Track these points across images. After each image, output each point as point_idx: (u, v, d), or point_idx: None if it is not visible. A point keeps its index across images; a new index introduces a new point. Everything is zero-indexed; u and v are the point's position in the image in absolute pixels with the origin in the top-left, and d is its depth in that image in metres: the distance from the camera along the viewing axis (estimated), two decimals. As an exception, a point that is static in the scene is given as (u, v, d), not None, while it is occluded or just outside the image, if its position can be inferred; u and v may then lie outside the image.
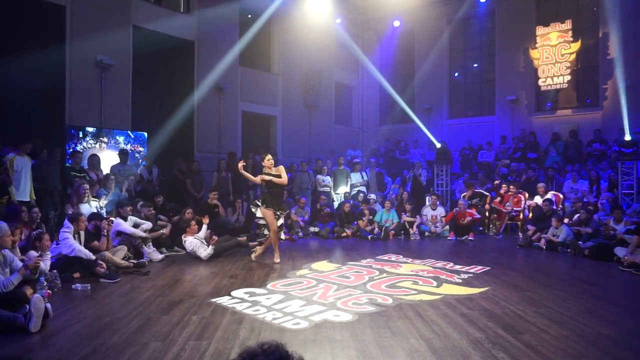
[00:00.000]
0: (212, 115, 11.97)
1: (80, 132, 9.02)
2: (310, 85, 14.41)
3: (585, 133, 12.16)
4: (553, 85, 13.05)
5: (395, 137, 15.11)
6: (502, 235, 9.73)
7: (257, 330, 3.71)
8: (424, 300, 4.60)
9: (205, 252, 6.86)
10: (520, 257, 7.44)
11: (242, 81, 12.74)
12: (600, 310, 4.28)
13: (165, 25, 10.88)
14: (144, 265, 6.33)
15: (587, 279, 5.74)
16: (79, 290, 5.01)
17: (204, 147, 11.77)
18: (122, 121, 9.90)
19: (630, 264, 6.15)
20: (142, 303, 4.52)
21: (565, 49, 12.76)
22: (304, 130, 14.47)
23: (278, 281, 5.43)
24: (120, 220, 6.74)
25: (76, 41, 9.12)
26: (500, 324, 3.82)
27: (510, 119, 13.82)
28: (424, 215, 9.94)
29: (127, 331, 3.67)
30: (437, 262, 6.66)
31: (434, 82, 15.39)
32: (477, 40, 15.10)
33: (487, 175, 11.71)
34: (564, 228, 7.79)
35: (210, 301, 4.56)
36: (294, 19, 13.70)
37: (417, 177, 11.72)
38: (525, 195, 9.91)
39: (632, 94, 11.09)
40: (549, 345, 3.35)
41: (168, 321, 3.92)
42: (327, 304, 4.42)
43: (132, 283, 5.43)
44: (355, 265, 6.40)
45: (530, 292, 4.90)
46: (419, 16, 15.16)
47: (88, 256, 5.60)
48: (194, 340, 3.47)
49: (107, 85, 9.64)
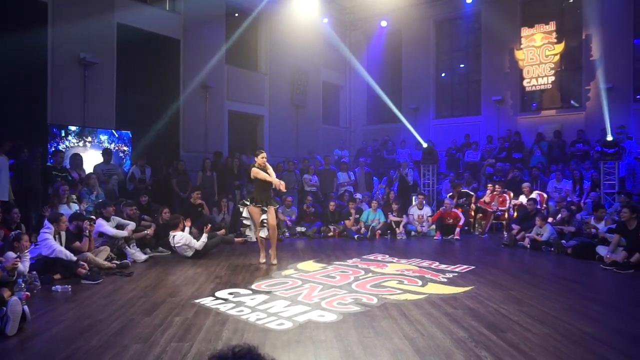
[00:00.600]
0: (198, 114, 11.87)
1: (63, 130, 8.87)
2: (297, 85, 14.37)
3: (569, 133, 12.33)
4: (537, 85, 13.21)
5: (383, 136, 15.15)
6: (487, 234, 9.81)
7: (240, 331, 3.66)
8: (409, 300, 4.60)
9: (198, 242, 6.88)
10: (504, 256, 7.50)
11: (229, 80, 12.66)
12: (583, 308, 4.32)
13: (150, 23, 10.76)
14: (127, 266, 6.24)
15: (570, 278, 5.81)
16: (59, 291, 4.91)
17: (190, 146, 11.67)
18: (106, 120, 9.76)
19: (611, 263, 6.24)
20: (124, 304, 4.44)
21: (550, 50, 12.92)
22: (291, 130, 14.42)
23: (263, 281, 5.39)
24: (102, 221, 6.63)
25: (58, 38, 8.97)
26: (483, 323, 3.83)
27: (496, 119, 13.96)
28: (410, 215, 9.97)
29: (107, 333, 3.60)
30: (423, 261, 6.68)
31: (421, 82, 15.48)
32: (464, 40, 15.22)
33: (473, 175, 11.80)
34: (548, 227, 7.88)
35: (194, 302, 4.50)
36: (281, 17, 13.65)
37: (404, 177, 11.76)
38: (510, 194, 10.01)
39: (614, 95, 11.28)
40: (532, 343, 3.37)
41: (150, 323, 3.86)
42: (311, 304, 4.40)
43: (115, 284, 5.34)
44: (341, 265, 6.39)
45: (514, 291, 4.93)
46: (406, 16, 15.23)
47: (69, 257, 5.50)
48: (175, 342, 3.42)
49: (91, 83, 9.49)
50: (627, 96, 11.96)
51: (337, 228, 9.60)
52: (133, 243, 6.87)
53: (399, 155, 13.64)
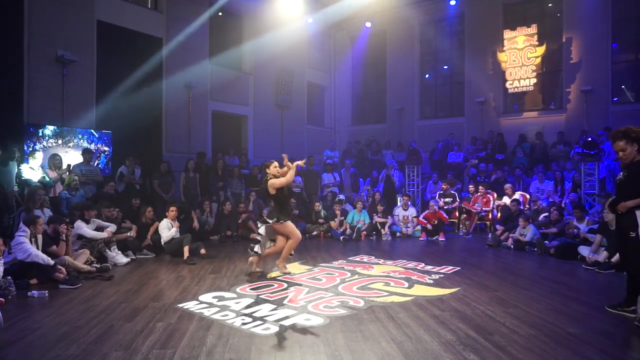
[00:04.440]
0: (182, 114, 11.69)
1: (40, 130, 8.62)
2: (282, 85, 14.29)
3: (550, 135, 12.51)
4: (520, 87, 13.38)
5: (367, 137, 15.17)
6: (471, 235, 9.88)
7: (225, 337, 3.58)
8: (396, 302, 4.57)
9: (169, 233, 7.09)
10: (489, 257, 7.55)
11: (213, 80, 12.51)
12: (567, 309, 4.35)
13: (131, 21, 10.56)
14: (108, 269, 6.08)
15: (553, 278, 5.86)
16: (35, 297, 4.73)
17: (173, 146, 11.49)
18: (85, 119, 9.53)
19: (593, 263, 6.33)
20: (104, 310, 4.31)
21: (531, 52, 13.10)
22: (276, 130, 14.33)
23: (248, 284, 5.30)
24: (81, 223, 6.45)
25: (35, 35, 8.73)
26: (470, 325, 3.82)
27: (480, 120, 14.09)
28: (395, 216, 9.98)
29: (85, 341, 3.47)
30: (409, 262, 6.67)
31: (406, 83, 15.55)
32: (447, 42, 15.33)
33: (457, 176, 11.88)
34: (531, 228, 7.96)
35: (177, 307, 4.39)
36: (265, 17, 13.54)
37: (390, 177, 11.78)
38: (494, 195, 10.10)
39: (593, 98, 11.49)
40: (518, 345, 3.37)
41: (131, 329, 3.75)
42: (297, 308, 4.33)
43: (95, 289, 5.19)
44: (326, 267, 6.33)
45: (500, 292, 4.95)
46: (390, 18, 15.28)
47: (46, 261, 5.31)
48: (158, 349, 3.31)
49: (70, 82, 9.26)
50: (605, 99, 12.20)
51: (322, 228, 9.55)
52: (114, 246, 6.70)
53: (385, 156, 13.66)
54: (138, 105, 10.36)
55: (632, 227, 3.95)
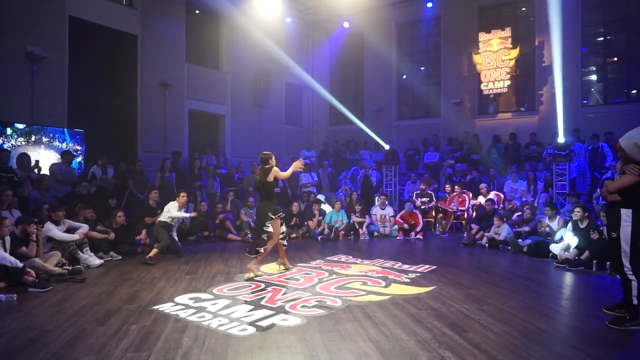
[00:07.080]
0: (157, 113, 11.49)
1: (8, 128, 8.34)
2: (260, 84, 14.22)
3: (523, 136, 12.81)
4: (494, 89, 13.67)
5: (346, 137, 15.22)
6: (447, 234, 10.03)
7: (201, 339, 3.53)
8: (373, 301, 4.60)
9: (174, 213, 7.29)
10: (464, 256, 7.68)
11: (189, 78, 12.34)
12: (538, 306, 4.47)
13: (105, 17, 10.33)
14: (80, 271, 5.91)
15: (525, 276, 6.01)
16: (3, 301, 4.56)
17: (149, 146, 11.28)
18: (56, 118, 9.27)
19: (564, 260, 6.52)
20: (75, 313, 4.19)
21: (505, 55, 13.39)
22: (254, 130, 14.24)
23: (225, 285, 5.25)
24: (50, 225, 6.25)
25: (4, 30, 8.43)
26: (446, 323, 3.88)
27: (455, 121, 14.31)
28: (373, 215, 10.05)
29: (56, 345, 3.37)
30: (386, 262, 6.73)
31: (383, 84, 15.67)
32: (424, 44, 15.53)
33: (433, 176, 12.05)
34: (505, 227, 8.14)
35: (152, 309, 4.31)
36: (243, 16, 13.43)
37: (367, 177, 11.85)
38: (469, 195, 10.28)
39: (565, 100, 11.80)
40: (492, 342, 3.44)
41: (104, 332, 3.66)
42: (275, 308, 4.32)
43: (66, 291, 5.04)
44: (304, 267, 6.33)
45: (474, 290, 5.04)
46: (368, 18, 15.37)
47: (14, 264, 5.13)
48: (132, 352, 3.25)
49: (40, 79, 8.99)
50: (575, 101, 12.56)
51: (301, 229, 9.54)
52: (86, 247, 6.53)
53: (363, 156, 13.73)
54: (112, 103, 10.16)
55: (615, 227, 3.95)
